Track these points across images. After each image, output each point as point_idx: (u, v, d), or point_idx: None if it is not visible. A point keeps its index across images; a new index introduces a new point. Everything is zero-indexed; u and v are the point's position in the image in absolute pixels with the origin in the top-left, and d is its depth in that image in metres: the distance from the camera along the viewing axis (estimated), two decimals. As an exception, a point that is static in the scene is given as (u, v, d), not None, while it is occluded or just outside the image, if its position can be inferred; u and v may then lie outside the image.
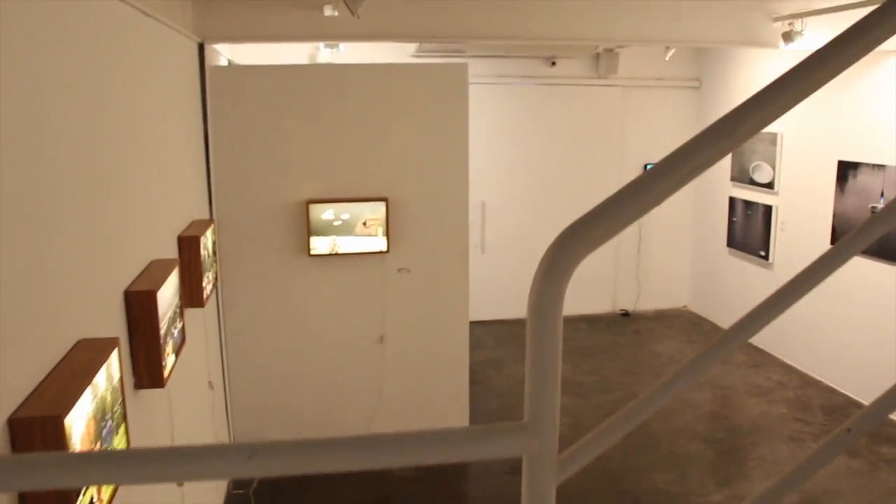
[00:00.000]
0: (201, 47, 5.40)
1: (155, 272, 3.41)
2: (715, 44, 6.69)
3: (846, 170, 7.46)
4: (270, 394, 6.17)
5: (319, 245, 5.84)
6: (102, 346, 2.47)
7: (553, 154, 9.86)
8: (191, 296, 4.34)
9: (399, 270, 6.12)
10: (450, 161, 6.09)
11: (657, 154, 10.14)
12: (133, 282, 3.19)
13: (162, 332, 3.20)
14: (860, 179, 7.29)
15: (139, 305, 3.06)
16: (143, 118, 3.65)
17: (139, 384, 3.13)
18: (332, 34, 5.89)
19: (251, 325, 6.00)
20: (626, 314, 10.46)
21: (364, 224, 5.88)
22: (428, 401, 6.46)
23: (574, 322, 10.11)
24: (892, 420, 6.99)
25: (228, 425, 6.05)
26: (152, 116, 3.87)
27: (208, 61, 5.55)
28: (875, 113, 7.12)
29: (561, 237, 0.87)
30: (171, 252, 4.15)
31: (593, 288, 10.37)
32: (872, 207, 7.14)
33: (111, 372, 2.41)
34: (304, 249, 5.88)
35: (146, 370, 3.13)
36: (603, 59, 9.46)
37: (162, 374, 3.18)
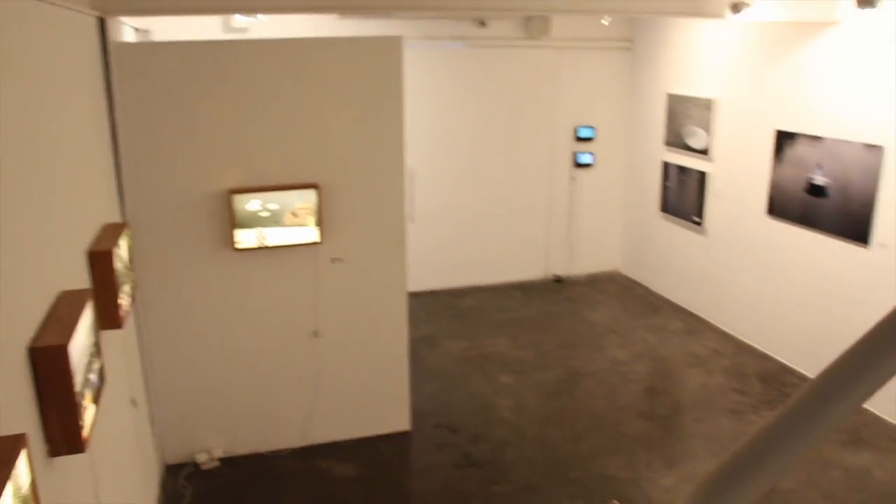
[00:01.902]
0: (102, 23, 4.81)
1: (64, 313, 2.96)
2: (663, 14, 6.44)
3: (783, 139, 7.35)
4: (200, 399, 5.76)
5: (245, 238, 5.39)
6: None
7: (483, 118, 9.51)
8: (107, 317, 3.89)
9: (333, 261, 5.73)
10: (384, 142, 5.68)
11: (589, 117, 9.98)
12: (38, 333, 2.74)
13: (78, 387, 2.78)
14: (797, 150, 7.20)
15: (47, 364, 2.63)
16: (32, 113, 3.09)
17: (54, 451, 2.72)
18: (248, 6, 5.36)
19: (175, 330, 5.54)
20: (559, 280, 10.31)
21: (293, 214, 5.45)
22: (367, 393, 6.16)
23: (507, 290, 9.92)
24: (828, 389, 7.03)
25: (156, 442, 5.62)
26: (43, 109, 3.31)
27: (111, 38, 4.96)
28: (813, 84, 7.00)
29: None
30: (80, 274, 3.67)
31: (525, 254, 10.19)
32: (809, 178, 7.07)
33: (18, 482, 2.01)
34: (228, 244, 5.42)
35: (61, 435, 2.72)
36: (534, 21, 9.09)
37: (80, 437, 2.77)
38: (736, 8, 5.95)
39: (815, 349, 7.26)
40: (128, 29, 6.39)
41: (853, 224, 6.67)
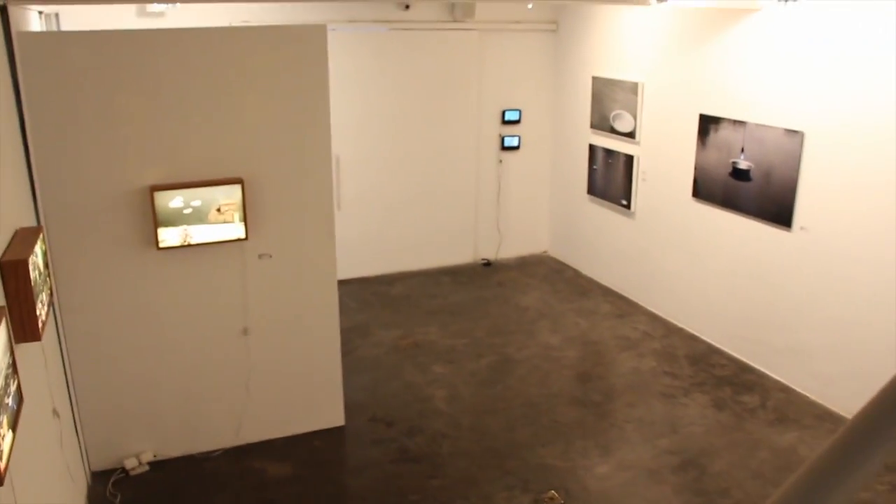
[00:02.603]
0: (3, 11, 4.49)
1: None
2: (591, 1, 6.39)
3: (707, 123, 7.45)
4: (127, 403, 5.52)
5: (169, 237, 5.16)
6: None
7: (408, 102, 9.37)
8: (23, 331, 3.66)
9: (260, 257, 5.55)
10: (310, 133, 5.51)
11: (516, 100, 9.93)
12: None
13: (-6, 415, 2.59)
14: (721, 134, 7.30)
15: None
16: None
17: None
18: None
19: (99, 333, 5.28)
20: (487, 263, 10.30)
21: (218, 210, 5.24)
22: (299, 389, 6.02)
23: (436, 276, 9.85)
24: (749, 366, 7.24)
25: (82, 449, 5.37)
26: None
27: (15, 27, 4.65)
28: (736, 69, 7.09)
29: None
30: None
31: (454, 238, 10.13)
32: (733, 162, 7.18)
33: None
34: (151, 243, 5.18)
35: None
36: (459, 3, 8.97)
37: (-1, 468, 2.58)
38: (663, -5, 5.96)
39: (741, 330, 7.43)
40: (34, 15, 6.03)
41: (776, 207, 6.81)
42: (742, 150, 7.07)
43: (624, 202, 8.86)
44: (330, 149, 5.59)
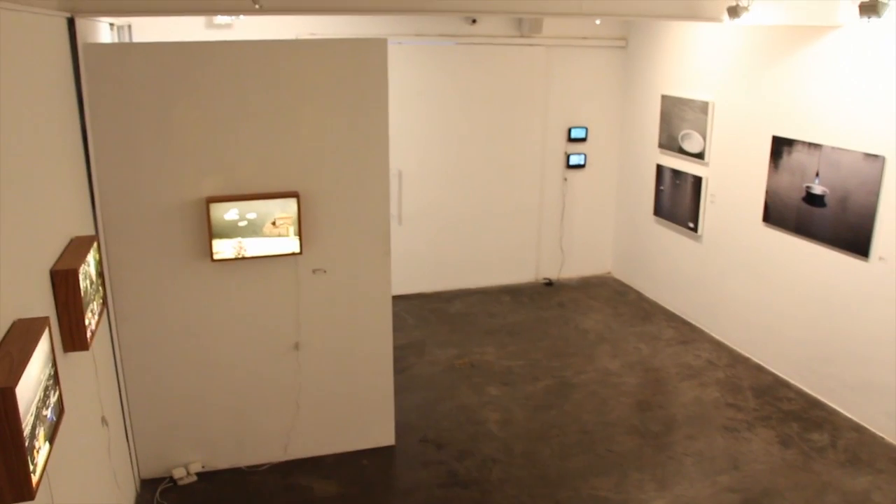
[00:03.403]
0: (71, 22, 4.55)
1: (14, 347, 2.72)
2: (659, 17, 6.21)
3: (781, 146, 7.15)
4: (178, 413, 5.53)
5: (223, 249, 5.15)
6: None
7: (474, 118, 9.28)
8: (72, 340, 3.66)
9: (314, 272, 5.50)
10: (368, 148, 5.44)
11: (582, 117, 9.75)
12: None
13: (27, 430, 2.55)
14: (795, 157, 6.99)
15: (-10, 409, 2.40)
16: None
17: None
18: (226, 7, 5.10)
19: (151, 343, 5.31)
20: (549, 283, 10.11)
21: (273, 224, 5.21)
22: (350, 407, 5.94)
23: (496, 294, 9.71)
24: (819, 401, 6.90)
25: (131, 457, 5.39)
26: (6, 116, 3.07)
27: (82, 38, 4.70)
28: (812, 90, 6.79)
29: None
30: (43, 296, 3.43)
31: (516, 257, 9.98)
32: (807, 187, 6.87)
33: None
34: (206, 254, 5.19)
35: (7, 484, 2.49)
36: (526, 18, 8.85)
37: (29, 483, 2.54)
38: (734, 12, 5.73)
39: (810, 363, 7.08)
40: (104, 27, 6.13)
41: (852, 235, 6.48)
42: (817, 175, 6.76)
43: (691, 225, 8.58)
44: (388, 164, 5.52)
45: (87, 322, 3.78)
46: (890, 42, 6.03)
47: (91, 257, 4.04)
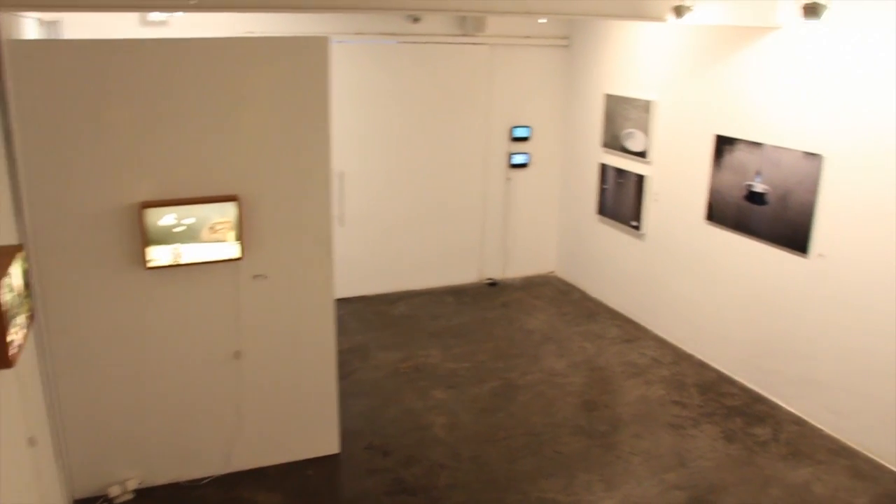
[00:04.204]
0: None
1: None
2: (603, 17, 6.18)
3: (723, 145, 7.21)
4: (113, 428, 5.28)
5: (159, 255, 4.94)
6: None
7: (416, 117, 9.17)
8: (-8, 357, 3.44)
9: (254, 277, 5.33)
10: (310, 149, 5.29)
11: (525, 117, 9.72)
12: None
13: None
14: (737, 156, 7.06)
15: None
16: None
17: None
18: (162, 3, 4.89)
19: (83, 356, 5.06)
20: (493, 283, 10.06)
21: (211, 229, 5.02)
22: (293, 415, 5.78)
23: (440, 295, 9.62)
24: (761, 396, 6.98)
25: (64, 476, 5.14)
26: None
27: (5, 34, 4.46)
28: (753, 89, 6.85)
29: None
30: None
31: (459, 258, 9.91)
32: (749, 185, 6.93)
33: None
34: (140, 262, 4.97)
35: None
36: (470, 17, 8.77)
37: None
38: (678, 12, 5.73)
39: (753, 359, 7.16)
40: (31, 23, 5.85)
41: (792, 232, 6.56)
42: (758, 173, 6.83)
43: (634, 223, 8.61)
44: (330, 165, 5.38)
45: (10, 338, 3.56)
46: (827, 43, 6.11)
47: (16, 267, 3.82)
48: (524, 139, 9.81)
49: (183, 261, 5.01)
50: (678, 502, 5.51)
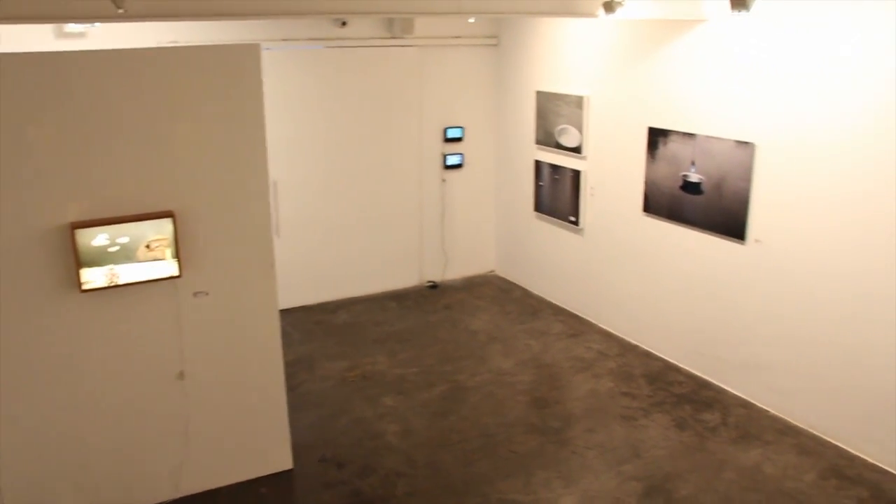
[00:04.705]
0: None
1: None
2: (534, 14, 6.19)
3: (656, 137, 7.30)
4: (54, 462, 5.02)
5: (93, 277, 4.73)
6: None
7: (348, 122, 9.05)
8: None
9: (195, 295, 5.15)
10: (245, 159, 5.13)
11: (458, 117, 9.69)
12: None
13: None
14: (671, 147, 7.15)
15: None
16: None
17: None
18: (83, 13, 4.68)
19: (18, 388, 4.78)
20: (434, 286, 10.00)
21: (148, 247, 4.83)
22: (243, 432, 5.60)
23: (382, 301, 9.52)
24: (708, 382, 7.10)
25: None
26: None
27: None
28: (684, 81, 6.96)
29: None
30: None
31: (399, 262, 9.82)
32: (684, 176, 7.03)
33: None
34: (74, 285, 4.74)
35: None
36: (398, 19, 8.70)
37: None
38: (609, 7, 5.77)
39: (697, 346, 7.27)
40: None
41: (729, 220, 6.67)
42: (693, 163, 6.93)
43: (572, 219, 8.66)
44: (267, 175, 5.24)
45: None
46: (754, 33, 6.24)
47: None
48: (458, 140, 9.79)
49: (119, 282, 4.81)
50: (636, 493, 5.54)
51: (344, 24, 8.59)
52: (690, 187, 6.99)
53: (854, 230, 5.74)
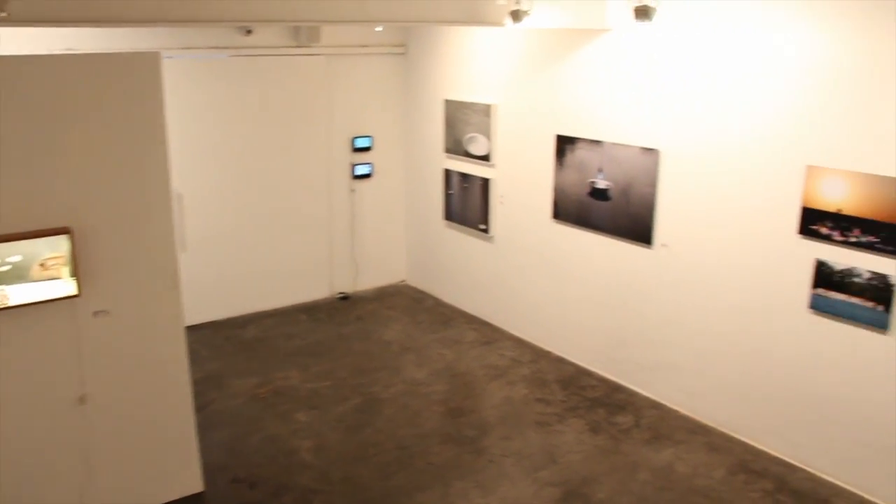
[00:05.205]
0: None
1: None
2: (441, 22, 6.17)
3: (564, 144, 7.39)
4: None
5: (-18, 298, 4.46)
6: None
7: (254, 132, 8.84)
8: None
9: (95, 314, 4.91)
10: (146, 172, 4.93)
11: (366, 126, 9.60)
12: None
13: None
14: (578, 154, 7.25)
15: None
16: None
17: None
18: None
19: None
20: (345, 297, 9.87)
21: (42, 265, 4.57)
22: (150, 456, 5.37)
23: (292, 314, 9.33)
24: (620, 385, 7.21)
25: None
26: None
27: None
28: (590, 90, 7.07)
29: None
30: None
31: (309, 274, 9.66)
32: (592, 182, 7.14)
33: None
34: (-39, 307, 4.46)
35: None
36: (304, 27, 8.56)
37: None
38: (516, 16, 5.80)
39: (608, 350, 7.38)
40: None
41: (636, 225, 6.81)
42: (600, 170, 7.05)
43: (482, 227, 8.69)
44: (170, 188, 5.04)
45: None
46: (656, 43, 6.39)
47: None
48: (366, 149, 9.70)
49: (11, 303, 4.53)
50: (554, 499, 5.57)
51: (249, 32, 8.40)
52: (598, 194, 7.11)
53: (754, 234, 5.94)
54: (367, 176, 9.79)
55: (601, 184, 7.05)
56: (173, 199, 5.09)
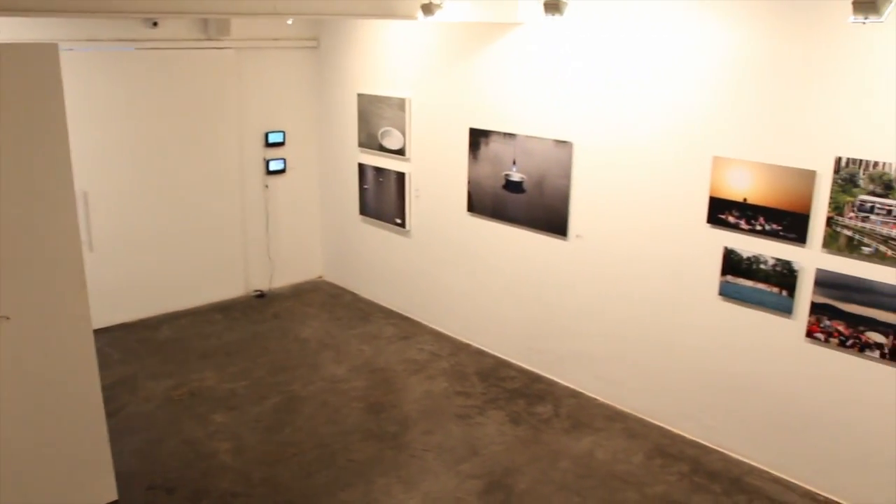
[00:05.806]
0: None
1: None
2: (352, 16, 6.10)
3: (478, 137, 7.43)
4: None
5: None
6: None
7: (163, 129, 8.58)
8: None
9: (-5, 320, 4.69)
10: (45, 169, 4.72)
11: (279, 121, 9.45)
12: None
13: None
14: (492, 147, 7.30)
15: None
16: None
17: None
18: None
19: None
20: (261, 295, 9.71)
21: (-63, 268, 4.34)
22: (59, 468, 5.15)
23: (207, 313, 9.13)
24: (539, 375, 7.31)
25: None
26: None
27: None
28: (503, 83, 7.12)
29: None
30: None
31: (223, 272, 9.46)
32: (506, 175, 7.20)
33: None
34: None
35: None
36: (213, 20, 8.35)
37: None
38: (428, 9, 5.79)
39: (526, 341, 7.47)
40: None
41: (551, 217, 6.90)
42: (514, 163, 7.11)
43: (398, 221, 8.67)
44: (72, 185, 4.84)
45: None
46: (567, 37, 6.47)
47: None
48: (280, 144, 9.55)
49: None
50: (476, 491, 5.60)
51: (155, 24, 8.15)
52: (513, 186, 7.17)
53: (665, 223, 6.09)
54: (280, 171, 9.64)
55: (515, 176, 7.11)
56: (77, 198, 4.89)
